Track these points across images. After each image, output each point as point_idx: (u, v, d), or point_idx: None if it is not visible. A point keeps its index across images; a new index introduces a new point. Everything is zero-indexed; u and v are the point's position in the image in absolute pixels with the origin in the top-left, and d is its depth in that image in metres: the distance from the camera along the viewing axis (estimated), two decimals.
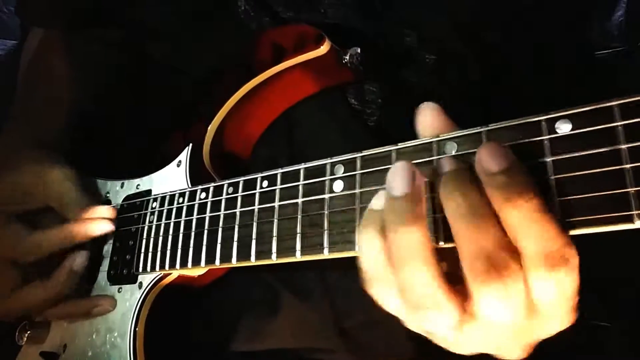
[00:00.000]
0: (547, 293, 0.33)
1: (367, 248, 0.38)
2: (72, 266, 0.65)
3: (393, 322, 0.40)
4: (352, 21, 0.64)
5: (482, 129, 0.38)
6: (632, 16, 0.83)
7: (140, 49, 0.82)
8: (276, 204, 0.50)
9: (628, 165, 0.31)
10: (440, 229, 0.37)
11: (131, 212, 0.67)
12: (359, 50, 0.57)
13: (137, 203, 0.67)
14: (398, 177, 0.36)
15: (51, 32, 0.84)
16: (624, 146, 0.31)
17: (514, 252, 0.33)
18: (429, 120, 0.40)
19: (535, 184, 0.33)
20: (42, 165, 0.68)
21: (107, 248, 0.69)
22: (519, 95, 0.64)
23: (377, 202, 0.38)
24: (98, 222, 0.65)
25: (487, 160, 0.34)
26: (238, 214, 0.53)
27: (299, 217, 0.47)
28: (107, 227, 0.65)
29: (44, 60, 0.83)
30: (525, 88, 0.65)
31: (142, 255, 0.63)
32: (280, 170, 0.50)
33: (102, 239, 0.69)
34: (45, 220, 0.69)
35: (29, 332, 0.75)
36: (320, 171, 0.47)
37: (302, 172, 0.48)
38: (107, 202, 0.72)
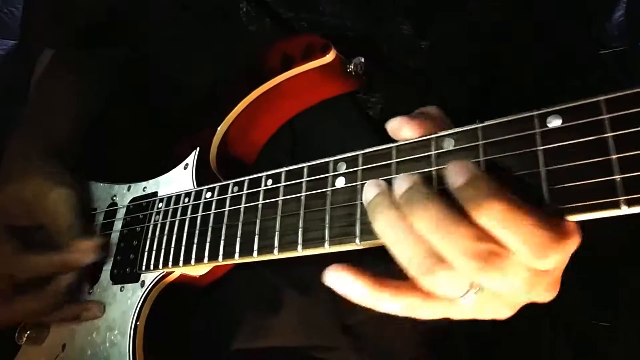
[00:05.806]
0: (540, 273, 0.35)
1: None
2: (66, 278, 0.66)
3: (397, 319, 0.41)
4: (348, 17, 0.66)
5: (477, 125, 0.40)
6: (632, 16, 0.85)
7: (144, 60, 0.84)
8: (280, 200, 0.51)
9: (614, 156, 0.33)
10: None
11: (137, 212, 0.69)
12: (362, 60, 0.60)
13: (143, 204, 0.69)
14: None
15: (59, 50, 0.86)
16: (610, 134, 0.33)
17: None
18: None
19: (502, 187, 0.35)
20: (47, 182, 0.68)
21: (111, 248, 0.70)
22: (517, 77, 0.65)
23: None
24: (84, 254, 0.65)
25: (451, 176, 0.37)
26: (242, 211, 0.54)
27: (302, 212, 0.49)
28: (92, 258, 0.66)
29: (54, 74, 0.86)
30: (525, 71, 0.66)
31: (145, 253, 0.64)
32: (284, 169, 0.52)
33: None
34: (37, 237, 0.69)
35: (28, 332, 0.75)
36: (323, 168, 0.49)
37: (305, 170, 0.50)
38: (114, 204, 0.74)
